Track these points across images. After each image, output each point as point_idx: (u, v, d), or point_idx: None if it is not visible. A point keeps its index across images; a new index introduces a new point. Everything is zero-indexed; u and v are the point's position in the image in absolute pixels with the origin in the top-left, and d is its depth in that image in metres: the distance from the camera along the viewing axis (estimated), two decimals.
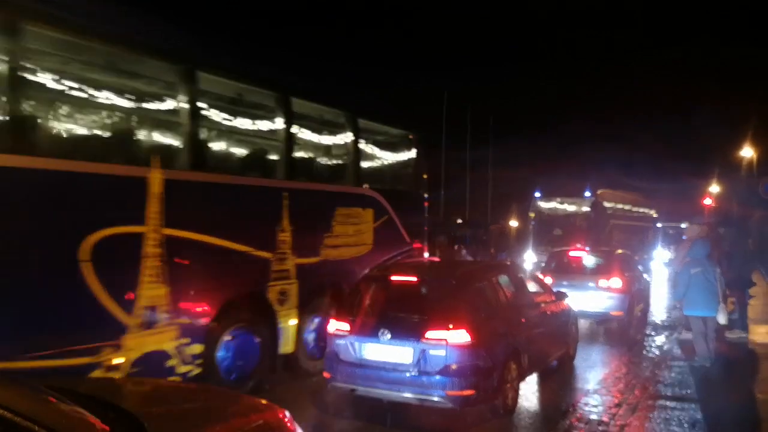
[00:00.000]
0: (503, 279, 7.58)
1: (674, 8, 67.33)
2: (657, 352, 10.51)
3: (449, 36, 63.41)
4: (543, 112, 56.91)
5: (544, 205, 22.59)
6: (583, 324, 11.40)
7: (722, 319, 9.06)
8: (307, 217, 7.91)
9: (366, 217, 9.13)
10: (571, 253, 13.69)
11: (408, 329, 6.32)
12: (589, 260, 13.28)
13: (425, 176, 11.23)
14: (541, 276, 10.86)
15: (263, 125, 7.93)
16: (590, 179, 22.69)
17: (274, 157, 8.02)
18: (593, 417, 6.82)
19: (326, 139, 9.23)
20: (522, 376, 7.11)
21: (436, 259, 15.81)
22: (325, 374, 6.69)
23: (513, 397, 6.78)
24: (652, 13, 65.77)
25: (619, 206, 24.04)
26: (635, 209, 26.24)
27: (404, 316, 6.56)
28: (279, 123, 7.78)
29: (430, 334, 6.17)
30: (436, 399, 6.16)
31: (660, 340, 11.68)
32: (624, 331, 12.10)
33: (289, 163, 7.88)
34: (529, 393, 7.67)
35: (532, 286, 8.49)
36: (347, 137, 9.06)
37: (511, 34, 65.77)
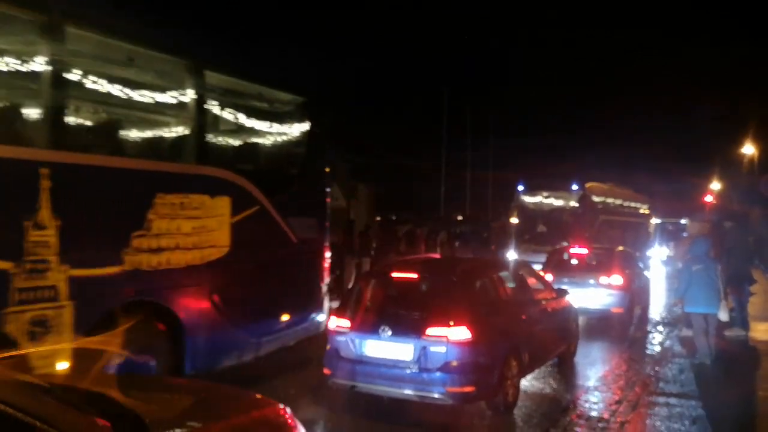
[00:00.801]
0: (504, 275, 7.58)
1: (673, 7, 67.19)
2: (657, 349, 10.51)
3: (447, 34, 63.22)
4: (544, 111, 56.90)
5: (528, 199, 21.17)
6: (583, 321, 11.40)
7: (723, 316, 9.06)
8: (93, 206, 5.62)
9: (218, 208, 6.77)
10: (572, 250, 13.72)
11: (408, 326, 6.32)
12: (589, 257, 13.30)
13: (327, 165, 8.81)
14: (541, 273, 10.87)
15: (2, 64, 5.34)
16: (580, 172, 21.74)
17: (25, 113, 5.53)
18: (594, 414, 6.83)
19: (145, 96, 6.55)
20: (522, 373, 7.10)
21: (437, 255, 15.84)
22: (326, 371, 6.69)
23: (513, 393, 6.78)
24: (652, 12, 65.67)
25: (610, 201, 22.81)
26: (627, 204, 25.32)
27: (405, 313, 6.56)
28: (39, 63, 5.29)
29: (431, 330, 6.17)
30: (436, 396, 6.16)
31: (660, 337, 11.68)
32: (624, 328, 12.12)
33: (59, 124, 5.45)
34: (529, 389, 7.66)
35: (532, 283, 8.49)
36: (186, 96, 6.61)
37: (511, 33, 65.55)
